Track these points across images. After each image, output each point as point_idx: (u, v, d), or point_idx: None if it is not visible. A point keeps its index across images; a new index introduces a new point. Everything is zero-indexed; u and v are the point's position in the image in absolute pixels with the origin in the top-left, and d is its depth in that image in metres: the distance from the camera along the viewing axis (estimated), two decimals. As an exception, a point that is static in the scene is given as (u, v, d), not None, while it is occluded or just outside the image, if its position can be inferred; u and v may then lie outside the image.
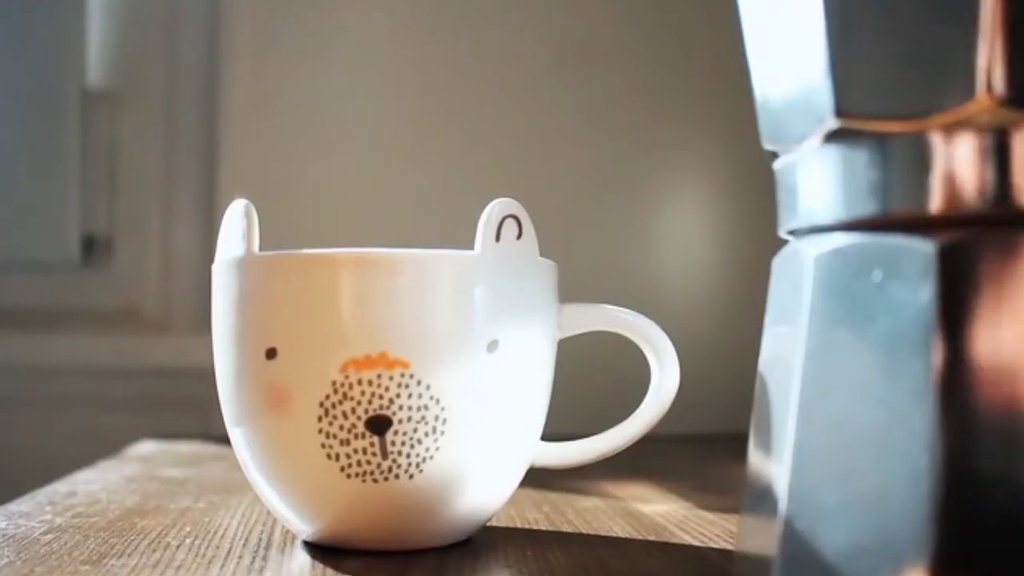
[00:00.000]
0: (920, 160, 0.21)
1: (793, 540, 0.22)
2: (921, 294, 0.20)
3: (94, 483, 0.41)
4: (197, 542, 0.30)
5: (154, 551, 0.29)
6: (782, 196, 0.25)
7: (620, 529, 0.33)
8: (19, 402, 0.70)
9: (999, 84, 0.20)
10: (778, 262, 0.25)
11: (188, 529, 0.32)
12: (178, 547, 0.29)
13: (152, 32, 0.72)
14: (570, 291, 0.32)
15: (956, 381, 0.20)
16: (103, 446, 0.55)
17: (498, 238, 0.28)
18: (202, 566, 0.27)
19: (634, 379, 0.34)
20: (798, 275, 0.23)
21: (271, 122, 0.70)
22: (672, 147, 0.69)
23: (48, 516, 0.33)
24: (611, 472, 0.38)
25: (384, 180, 0.70)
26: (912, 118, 0.21)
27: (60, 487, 0.39)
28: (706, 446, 0.56)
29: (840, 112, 0.21)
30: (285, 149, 0.70)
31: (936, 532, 0.20)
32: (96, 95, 0.72)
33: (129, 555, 0.28)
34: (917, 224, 0.21)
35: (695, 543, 0.31)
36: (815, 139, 0.22)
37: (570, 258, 0.37)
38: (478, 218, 0.29)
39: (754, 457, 0.25)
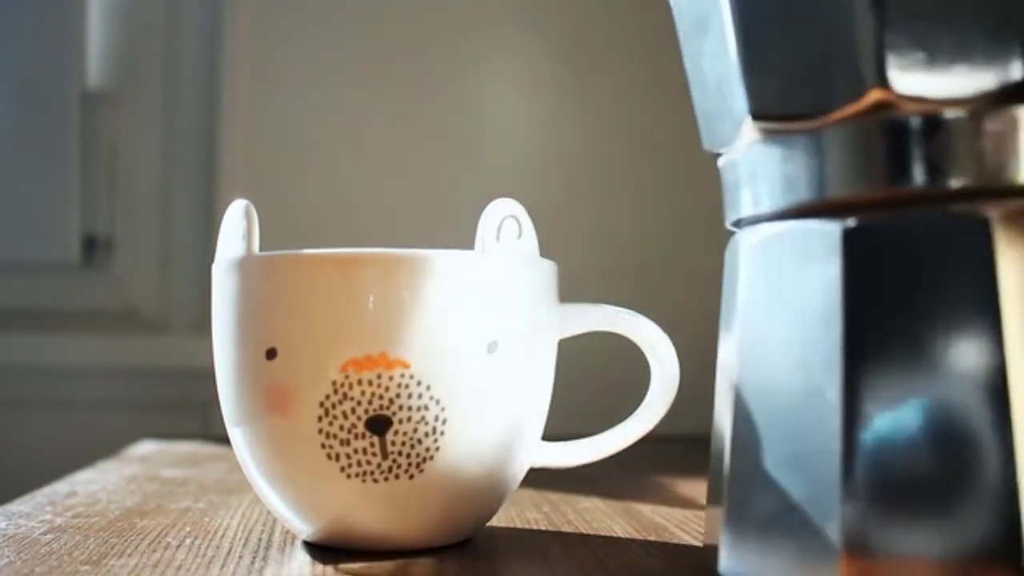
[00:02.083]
0: (823, 153, 0.23)
1: (736, 497, 0.25)
2: (829, 272, 0.23)
3: (94, 483, 0.41)
4: (197, 542, 0.30)
5: (154, 551, 0.29)
6: (726, 192, 0.27)
7: (620, 529, 0.33)
8: (19, 402, 0.70)
9: (887, 78, 0.22)
10: (727, 254, 0.27)
11: (188, 529, 0.32)
12: (178, 547, 0.29)
13: (152, 32, 0.72)
14: (570, 291, 0.32)
15: (861, 350, 0.22)
16: (103, 446, 0.55)
17: (498, 238, 0.28)
18: (202, 566, 0.27)
19: (634, 379, 0.34)
20: (735, 264, 0.26)
21: (271, 122, 0.70)
22: (672, 147, 0.69)
23: (48, 516, 0.33)
24: (611, 472, 0.38)
25: (384, 180, 0.70)
26: (815, 116, 0.23)
27: (60, 487, 0.39)
28: (706, 446, 0.56)
29: (755, 116, 0.24)
30: (285, 149, 0.70)
31: (848, 491, 0.22)
32: (96, 95, 0.72)
33: (129, 555, 0.28)
34: (826, 210, 0.23)
35: (695, 543, 0.31)
36: (740, 141, 0.25)
37: (570, 258, 0.37)
38: (478, 218, 0.29)
39: (713, 440, 0.27)
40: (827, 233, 0.23)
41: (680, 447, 0.53)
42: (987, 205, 0.22)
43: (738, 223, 0.27)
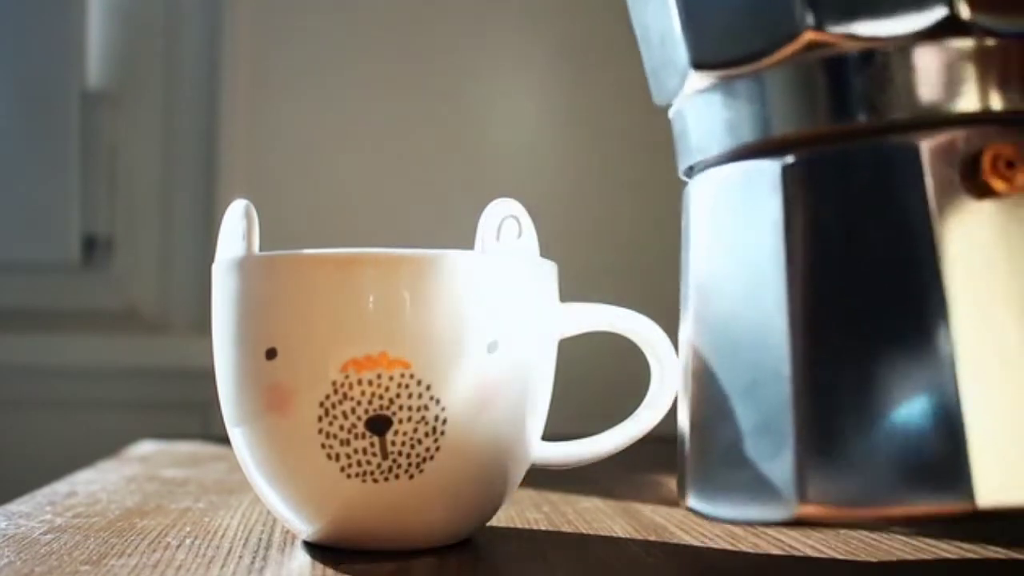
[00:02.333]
0: (762, 96, 0.25)
1: (698, 436, 0.26)
2: (772, 207, 0.24)
3: (94, 483, 0.41)
4: (197, 542, 0.30)
5: (154, 551, 0.29)
6: (676, 141, 0.29)
7: (620, 529, 0.33)
8: (19, 402, 0.70)
9: (818, 19, 0.23)
10: (682, 206, 0.29)
11: (188, 529, 0.32)
12: (178, 547, 0.29)
13: (152, 32, 0.72)
14: (570, 291, 0.32)
15: (805, 278, 0.24)
16: (103, 446, 0.55)
17: (498, 238, 0.28)
18: (202, 566, 0.27)
19: (634, 379, 0.34)
20: (688, 213, 0.28)
21: (271, 122, 0.70)
22: (672, 146, 0.69)
23: (48, 516, 0.33)
24: (611, 472, 0.38)
25: (384, 180, 0.70)
26: (751, 62, 0.25)
27: (60, 487, 0.39)
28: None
29: (696, 66, 0.26)
30: (285, 149, 0.70)
31: (798, 415, 0.23)
32: (96, 95, 0.72)
33: (129, 555, 0.28)
34: (769, 149, 0.25)
35: (695, 543, 0.31)
36: (685, 91, 0.27)
37: (570, 258, 0.37)
38: (478, 218, 0.29)
39: (679, 419, 0.28)
40: (768, 171, 0.25)
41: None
42: (919, 136, 0.23)
43: (689, 172, 0.28)
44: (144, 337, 0.71)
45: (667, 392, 0.31)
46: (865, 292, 0.23)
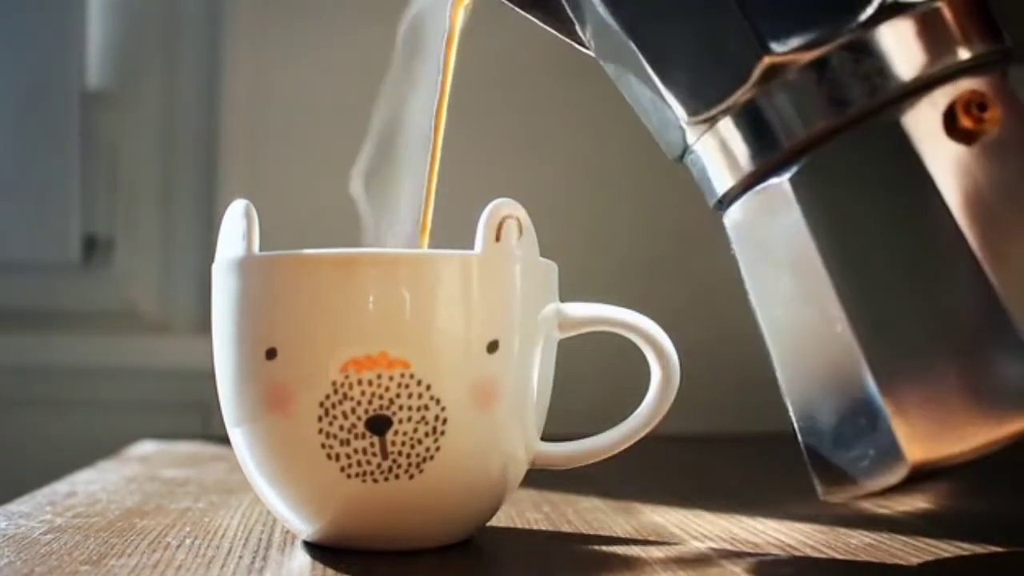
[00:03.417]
0: (750, 125, 0.27)
1: (805, 430, 0.28)
2: (793, 218, 0.26)
3: (94, 483, 0.41)
4: (197, 542, 0.30)
5: (154, 551, 0.29)
6: (699, 184, 0.31)
7: (620, 529, 0.33)
8: (19, 402, 0.69)
9: (769, 46, 0.25)
10: (728, 235, 0.31)
11: (188, 529, 0.32)
12: (178, 547, 0.29)
13: (152, 32, 0.72)
14: (570, 291, 0.32)
15: (843, 268, 0.26)
16: (103, 446, 0.55)
17: (498, 238, 0.28)
18: (202, 566, 0.27)
19: (634, 379, 0.34)
20: (730, 239, 0.30)
21: (271, 122, 0.70)
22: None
23: (48, 516, 0.33)
24: (611, 472, 0.38)
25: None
26: (728, 99, 0.27)
27: (60, 487, 0.39)
28: (706, 446, 0.56)
29: (689, 115, 0.28)
30: (285, 149, 0.70)
31: (880, 386, 0.25)
32: (96, 95, 0.72)
33: (129, 555, 0.28)
34: (772, 168, 0.27)
35: (695, 543, 0.31)
36: (688, 141, 0.29)
37: (570, 258, 0.37)
38: (478, 218, 0.29)
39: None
40: (778, 187, 0.27)
41: (681, 447, 0.53)
42: (900, 110, 0.25)
43: (719, 206, 0.30)
44: (144, 337, 0.71)
45: (667, 392, 0.31)
46: (897, 264, 0.25)
